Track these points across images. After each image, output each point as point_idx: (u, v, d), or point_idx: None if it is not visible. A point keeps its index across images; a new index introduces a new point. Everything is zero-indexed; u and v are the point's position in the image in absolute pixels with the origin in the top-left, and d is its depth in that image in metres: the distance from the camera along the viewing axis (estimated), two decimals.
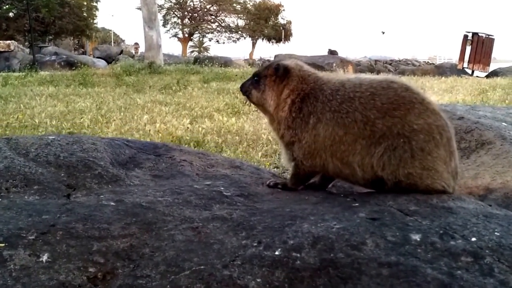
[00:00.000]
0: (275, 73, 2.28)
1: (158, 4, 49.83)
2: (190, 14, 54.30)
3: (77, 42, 45.44)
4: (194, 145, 6.22)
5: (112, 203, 1.92)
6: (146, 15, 19.60)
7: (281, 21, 57.61)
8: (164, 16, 53.01)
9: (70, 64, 22.16)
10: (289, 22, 58.32)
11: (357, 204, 1.92)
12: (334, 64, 25.18)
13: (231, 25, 55.60)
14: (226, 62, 26.79)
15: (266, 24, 55.04)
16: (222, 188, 2.24)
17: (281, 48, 57.36)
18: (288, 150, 2.25)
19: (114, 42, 54.33)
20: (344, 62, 26.46)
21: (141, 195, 2.05)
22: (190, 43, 59.72)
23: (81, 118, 7.71)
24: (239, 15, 55.02)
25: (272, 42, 57.56)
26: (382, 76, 2.17)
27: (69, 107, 9.08)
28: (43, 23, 35.83)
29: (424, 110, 1.99)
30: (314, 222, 1.72)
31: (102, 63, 25.29)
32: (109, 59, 28.16)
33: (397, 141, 1.95)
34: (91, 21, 44.06)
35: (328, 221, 1.72)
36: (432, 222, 1.68)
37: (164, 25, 53.02)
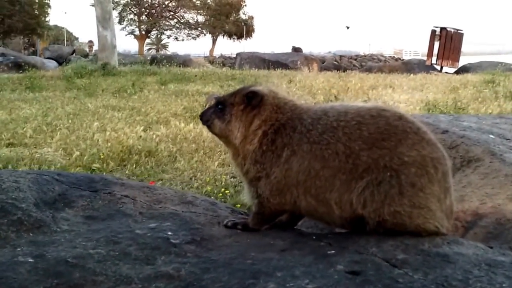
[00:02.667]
0: (244, 102, 2.01)
1: (113, 1, 48.74)
2: (147, 10, 52.97)
3: (27, 41, 43.44)
4: (145, 155, 5.89)
5: (30, 259, 1.56)
6: (100, 14, 18.75)
7: (243, 16, 57.08)
8: (120, 13, 51.58)
9: (18, 66, 21.09)
10: (251, 18, 57.91)
11: (333, 252, 1.63)
12: (299, 62, 25.41)
13: (190, 21, 54.52)
14: (185, 61, 26.30)
15: (227, 20, 54.34)
16: (170, 233, 1.89)
17: (243, 45, 56.94)
18: (252, 187, 1.98)
19: (67, 41, 52.49)
20: (308, 60, 26.76)
21: (68, 247, 1.69)
22: (148, 41, 58.37)
23: (24, 127, 7.12)
24: (199, 11, 53.98)
25: (234, 38, 57.06)
26: (371, 104, 1.93)
27: (12, 115, 8.52)
28: None
29: (418, 141, 1.77)
30: (282, 280, 1.42)
31: (52, 64, 24.23)
32: (61, 60, 26.95)
33: (383, 175, 1.72)
34: (43, 19, 42.30)
35: (299, 278, 1.43)
36: (426, 276, 1.42)
37: (120, 22, 51.67)
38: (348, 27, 74.22)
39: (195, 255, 1.68)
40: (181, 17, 54.16)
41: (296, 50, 32.38)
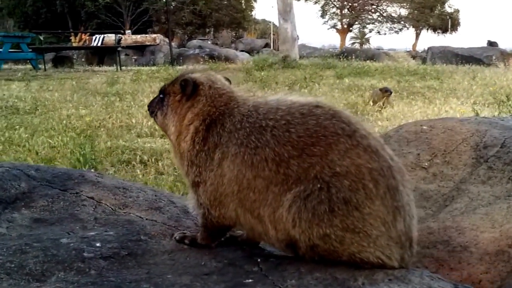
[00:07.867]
0: (180, 91, 1.81)
1: None
2: (349, 4, 52.57)
3: (234, 34, 46.78)
4: None
5: None
6: (281, 6, 18.62)
7: (448, 9, 52.64)
8: (322, 7, 52.48)
9: (213, 58, 22.53)
10: (457, 11, 53.09)
11: (251, 281, 1.44)
12: (494, 57, 22.79)
13: (393, 15, 52.42)
14: (374, 55, 25.22)
15: (431, 13, 50.70)
16: (98, 244, 1.72)
17: (439, 40, 52.57)
18: (194, 194, 1.78)
19: (273, 35, 55.30)
20: (504, 55, 23.66)
21: None
22: (351, 35, 57.99)
23: None
24: (402, 4, 51.52)
25: (438, 32, 52.98)
26: (307, 99, 1.67)
27: None
28: (200, 16, 37.55)
29: (353, 147, 1.50)
30: None
31: (245, 56, 25.01)
32: (252, 53, 27.97)
33: (312, 186, 1.48)
34: (249, 13, 45.12)
35: None
36: None
37: (322, 16, 52.65)
38: None
39: (97, 274, 1.53)
40: (383, 11, 52.36)
41: (492, 44, 29.09)
